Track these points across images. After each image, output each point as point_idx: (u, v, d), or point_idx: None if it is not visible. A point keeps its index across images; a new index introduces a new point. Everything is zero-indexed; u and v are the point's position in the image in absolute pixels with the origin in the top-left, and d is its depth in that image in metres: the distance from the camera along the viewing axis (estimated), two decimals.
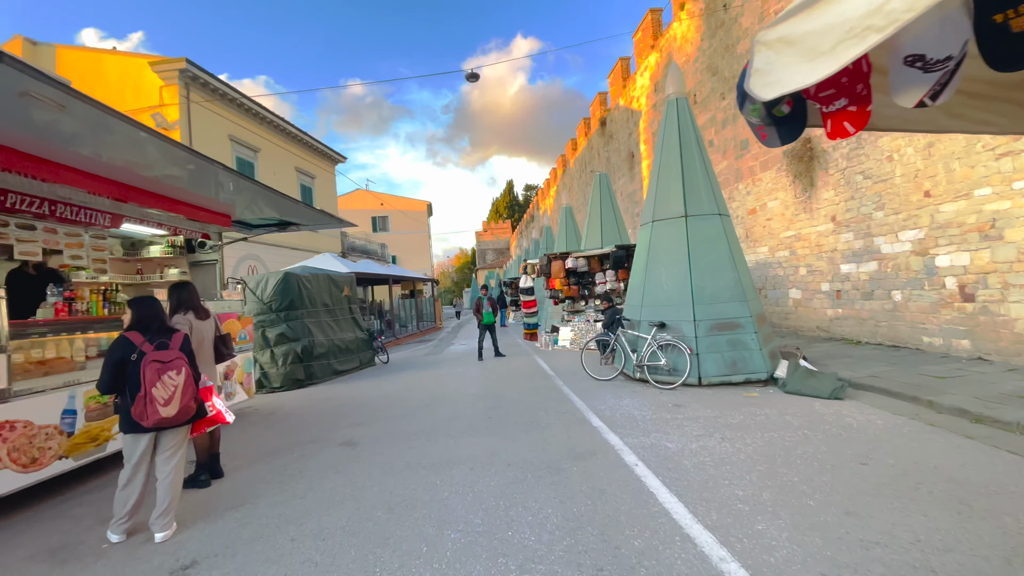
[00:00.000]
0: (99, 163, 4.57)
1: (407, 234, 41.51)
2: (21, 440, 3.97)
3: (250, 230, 7.76)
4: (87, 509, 4.00)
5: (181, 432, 3.54)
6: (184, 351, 3.52)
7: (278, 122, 19.11)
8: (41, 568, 3.08)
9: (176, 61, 14.46)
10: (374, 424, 6.16)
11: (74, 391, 4.48)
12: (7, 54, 2.58)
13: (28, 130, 3.66)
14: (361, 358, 11.40)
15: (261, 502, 3.89)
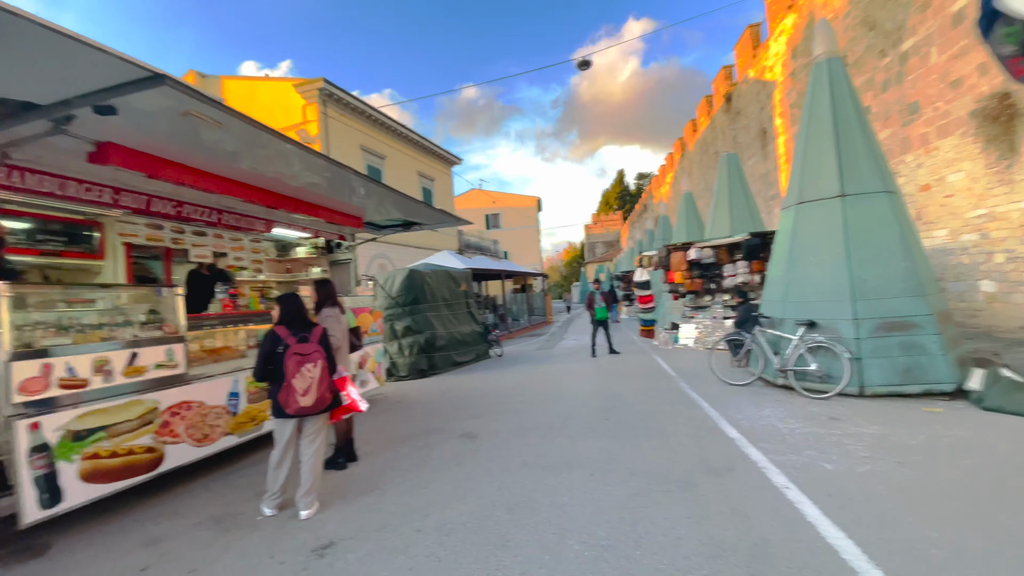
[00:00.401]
0: (254, 175, 5.15)
1: (517, 230, 42.29)
2: (196, 418, 4.61)
3: (379, 230, 8.32)
4: (247, 481, 4.53)
5: (321, 419, 3.82)
6: (322, 344, 3.77)
7: (401, 130, 20.51)
8: (207, 535, 3.50)
9: (315, 81, 16.16)
10: (491, 417, 6.20)
11: (237, 376, 5.11)
12: (168, 76, 2.91)
13: (198, 149, 4.21)
14: (477, 351, 11.74)
15: (390, 489, 4.06)
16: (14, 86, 2.86)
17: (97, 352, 3.80)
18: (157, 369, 4.23)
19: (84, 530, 3.64)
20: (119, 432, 3.86)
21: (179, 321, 4.52)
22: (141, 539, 3.48)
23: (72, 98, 3.00)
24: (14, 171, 3.81)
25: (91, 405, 3.70)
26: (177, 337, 4.47)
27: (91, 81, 2.86)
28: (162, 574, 2.99)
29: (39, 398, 3.41)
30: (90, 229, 5.88)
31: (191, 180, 4.39)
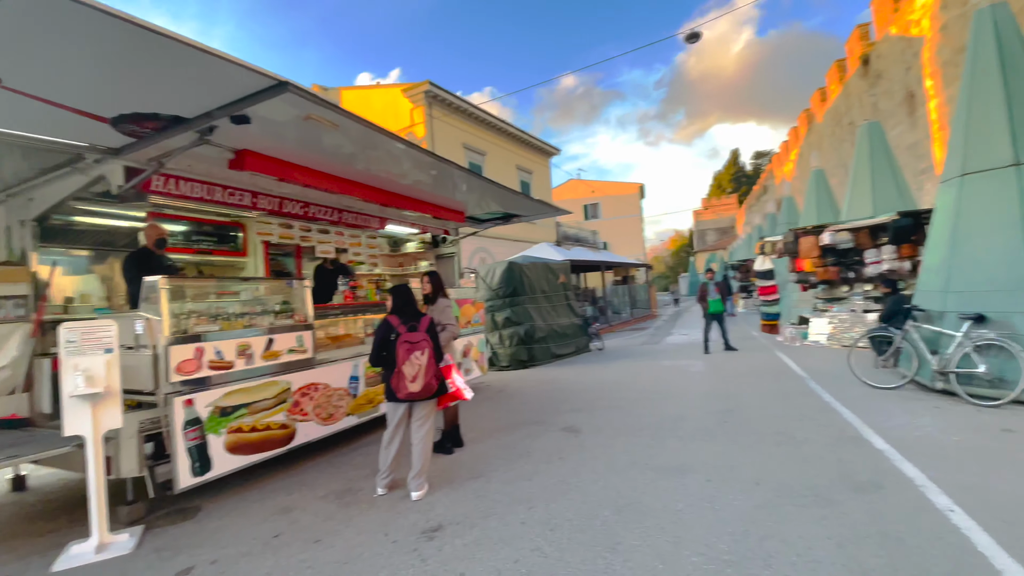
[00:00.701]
0: (369, 175, 5.45)
1: (618, 219, 40.98)
2: (322, 398, 5.02)
3: (479, 224, 8.47)
4: (365, 460, 4.83)
5: (429, 404, 3.92)
6: (430, 333, 3.87)
7: (500, 125, 20.82)
8: (331, 508, 3.77)
9: (421, 85, 16.96)
10: (594, 412, 5.99)
11: (357, 362, 5.48)
12: (290, 83, 3.12)
13: (320, 153, 4.54)
14: (577, 344, 11.54)
15: (494, 478, 4.07)
16: (166, 103, 3.28)
17: (240, 338, 4.27)
18: (289, 354, 4.67)
19: (228, 497, 4.13)
20: (258, 409, 4.32)
21: (307, 311, 4.94)
22: (275, 507, 3.85)
23: (213, 110, 3.36)
24: (170, 179, 4.41)
25: (235, 385, 4.17)
26: (306, 325, 4.89)
27: (227, 93, 3.17)
28: (291, 541, 3.26)
29: (192, 378, 3.92)
30: (235, 230, 6.70)
31: (316, 182, 4.78)
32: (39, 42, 2.48)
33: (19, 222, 4.82)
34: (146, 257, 4.74)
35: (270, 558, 3.06)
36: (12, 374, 4.44)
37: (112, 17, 2.23)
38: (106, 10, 2.18)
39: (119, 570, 3.06)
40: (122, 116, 3.31)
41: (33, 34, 2.41)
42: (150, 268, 4.63)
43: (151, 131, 3.62)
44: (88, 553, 3.24)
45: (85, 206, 5.15)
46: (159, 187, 4.24)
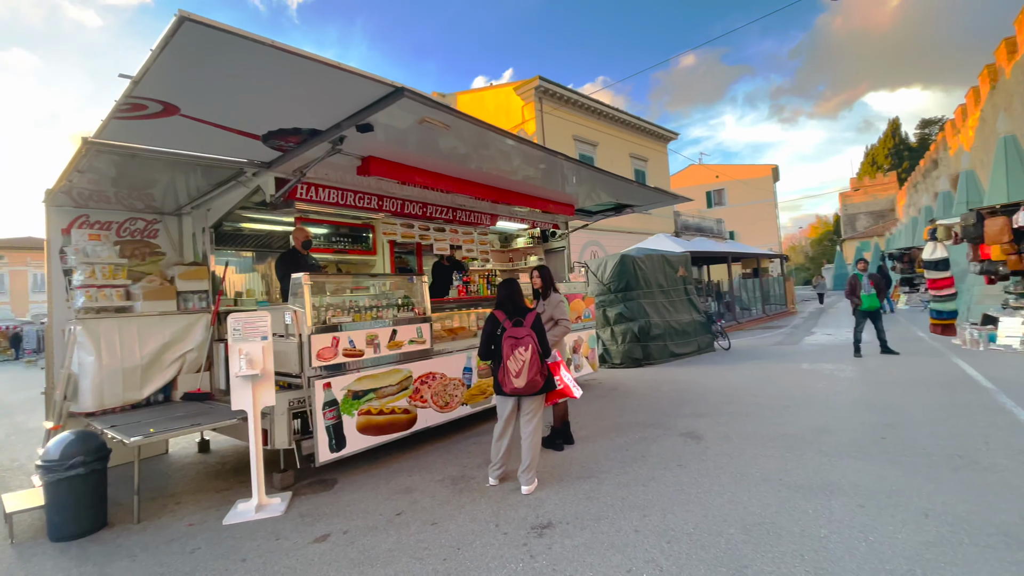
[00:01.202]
0: (481, 173, 5.59)
1: (747, 205, 37.42)
2: (439, 387, 5.28)
3: (590, 216, 8.27)
4: (477, 448, 4.98)
5: (536, 400, 3.90)
6: (535, 329, 3.84)
7: (613, 113, 20.19)
8: (446, 492, 3.93)
9: (531, 81, 17.09)
10: (719, 418, 5.50)
11: (470, 354, 5.68)
12: (406, 88, 3.27)
13: (436, 155, 4.75)
14: (699, 342, 10.74)
15: (606, 479, 3.92)
16: (305, 118, 3.66)
17: (369, 328, 4.66)
18: (410, 344, 4.99)
19: (359, 473, 4.52)
20: (384, 395, 4.68)
21: (425, 304, 5.23)
22: (398, 487, 4.13)
23: (341, 121, 3.68)
24: (310, 187, 4.95)
25: (365, 371, 4.56)
26: (424, 318, 5.18)
27: (353, 104, 3.45)
28: (411, 520, 3.46)
29: (330, 364, 4.35)
30: (366, 231, 7.35)
31: (433, 182, 5.04)
32: (208, 74, 2.91)
33: (200, 229, 5.80)
34: (294, 257, 5.40)
35: (392, 534, 3.28)
36: (197, 356, 5.36)
37: (265, 46, 2.52)
38: (262, 40, 2.47)
39: (272, 529, 3.51)
40: (270, 133, 3.78)
41: (205, 67, 2.82)
42: (297, 266, 5.25)
43: (293, 144, 4.08)
44: (250, 511, 3.78)
45: (248, 214, 6.03)
46: (302, 195, 4.78)
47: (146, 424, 4.16)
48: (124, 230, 5.58)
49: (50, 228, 5.14)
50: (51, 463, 3.54)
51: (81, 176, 4.23)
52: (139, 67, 2.68)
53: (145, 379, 4.96)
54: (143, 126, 3.40)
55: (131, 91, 2.85)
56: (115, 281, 5.08)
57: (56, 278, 5.16)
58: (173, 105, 3.13)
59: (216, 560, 3.12)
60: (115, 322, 4.84)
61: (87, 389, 4.63)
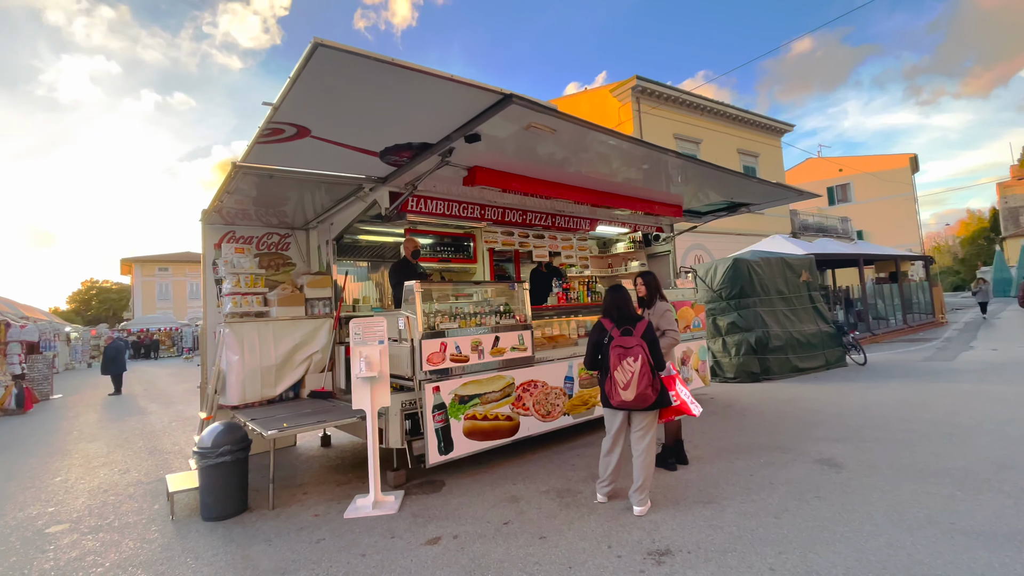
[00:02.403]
0: (581, 176, 5.46)
1: (879, 201, 32.98)
2: (541, 395, 5.20)
3: (699, 218, 7.74)
4: (581, 462, 4.81)
5: (649, 415, 3.65)
6: (646, 339, 3.60)
7: (717, 108, 18.95)
8: (553, 505, 3.82)
9: (628, 81, 16.60)
10: (861, 444, 4.79)
11: (571, 362, 5.53)
12: (514, 94, 3.24)
13: (537, 161, 4.71)
14: (827, 356, 9.54)
15: (729, 506, 3.55)
16: (418, 132, 3.81)
17: (473, 335, 4.73)
18: (512, 351, 4.98)
19: (465, 477, 4.57)
20: (488, 400, 4.71)
21: (526, 311, 5.20)
22: (503, 495, 4.11)
23: (451, 133, 3.77)
24: (420, 200, 5.16)
25: (470, 376, 4.62)
26: (525, 325, 5.15)
27: (462, 115, 3.51)
28: (519, 532, 3.40)
29: (438, 368, 4.47)
30: (468, 240, 7.55)
31: (534, 189, 5.01)
32: (335, 97, 3.13)
33: (324, 242, 6.32)
34: (405, 265, 5.68)
35: (501, 544, 3.23)
36: (322, 357, 5.82)
37: (389, 65, 2.64)
38: (387, 60, 2.60)
39: (387, 527, 3.64)
40: (387, 149, 3.99)
41: (332, 91, 3.04)
42: (408, 275, 5.51)
43: (406, 159, 4.27)
44: (367, 507, 3.97)
45: (363, 227, 6.47)
46: (412, 207, 5.00)
47: (280, 419, 4.57)
48: (262, 243, 6.27)
49: (205, 243, 5.92)
50: (205, 450, 4.01)
51: (230, 196, 4.81)
52: (278, 95, 2.94)
53: (279, 377, 5.49)
54: (280, 149, 3.76)
55: (271, 117, 3.15)
56: (255, 289, 5.70)
57: (209, 286, 5.92)
58: (305, 127, 3.42)
59: (339, 552, 3.30)
60: (255, 326, 5.42)
61: (233, 385, 5.22)
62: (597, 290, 6.74)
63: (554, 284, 6.32)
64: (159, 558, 3.40)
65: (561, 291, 6.19)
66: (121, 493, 4.87)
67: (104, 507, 4.48)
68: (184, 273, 42.25)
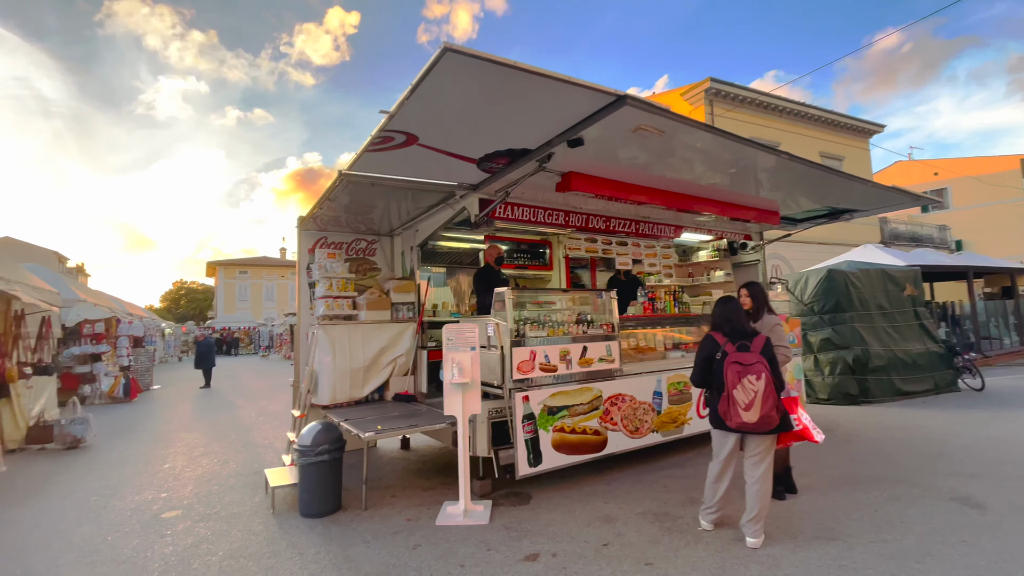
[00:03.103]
0: (672, 181, 5.20)
1: (982, 207, 29.74)
2: (628, 410, 4.99)
3: (794, 225, 7.23)
4: (674, 483, 4.55)
5: (767, 440, 3.37)
6: (765, 355, 3.33)
7: (797, 109, 17.88)
8: (653, 530, 3.61)
9: (702, 84, 16.00)
10: (1004, 482, 4.22)
11: (660, 377, 5.29)
12: (628, 95, 3.11)
13: (636, 165, 4.54)
14: (936, 379, 8.59)
15: (857, 545, 3.20)
16: (518, 138, 3.77)
17: (561, 344, 4.62)
18: (600, 363, 4.82)
19: (552, 491, 4.44)
20: (576, 412, 4.57)
21: (614, 321, 5.03)
22: (596, 513, 3.94)
23: (552, 138, 3.70)
24: (507, 206, 5.13)
25: (559, 387, 4.51)
26: (613, 335, 4.98)
27: (568, 118, 3.43)
28: (622, 556, 3.22)
29: (527, 377, 4.39)
30: (543, 247, 7.48)
31: (628, 194, 4.84)
32: (446, 104, 3.15)
33: (409, 248, 6.45)
34: (488, 272, 5.68)
35: (605, 567, 3.07)
36: (406, 360, 5.92)
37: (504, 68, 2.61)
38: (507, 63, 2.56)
39: (481, 538, 3.58)
40: (486, 156, 3.99)
41: (444, 97, 3.06)
42: (491, 281, 5.50)
43: (501, 166, 4.25)
44: (458, 515, 3.94)
45: (443, 233, 6.54)
46: (500, 213, 4.98)
47: (370, 420, 4.66)
48: (351, 249, 6.50)
49: (300, 248, 6.21)
50: (304, 448, 4.14)
51: (330, 203, 5.00)
52: (394, 103, 2.99)
53: (366, 379, 5.63)
54: (386, 157, 3.85)
55: (385, 124, 3.22)
56: (345, 293, 5.90)
57: (303, 289, 6.20)
58: (414, 135, 3.47)
59: (437, 561, 3.27)
60: (346, 328, 5.59)
61: (324, 385, 5.40)
62: (684, 300, 6.43)
63: (639, 293, 6.08)
64: (266, 552, 3.52)
65: (648, 300, 5.95)
66: (223, 483, 5.14)
67: (210, 496, 4.75)
68: (261, 276, 45.16)
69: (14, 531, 3.98)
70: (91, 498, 4.78)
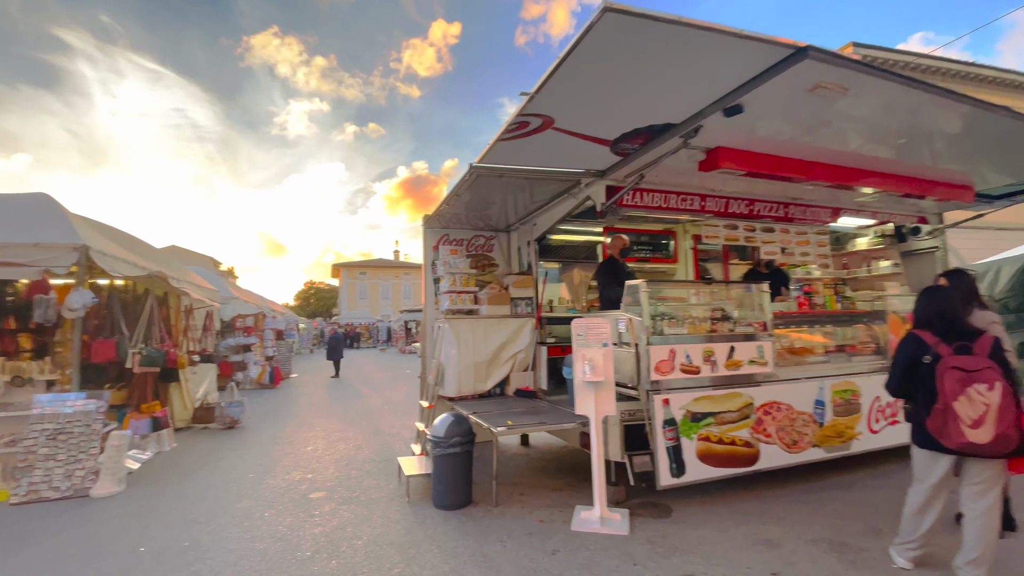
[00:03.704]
0: (839, 154, 4.38)
1: None
2: (785, 421, 4.35)
3: (990, 203, 5.92)
4: (847, 508, 3.86)
5: (996, 465, 2.66)
6: (995, 359, 2.63)
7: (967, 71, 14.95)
8: (831, 561, 3.05)
9: (844, 48, 14.02)
10: None
11: (822, 383, 4.57)
12: (812, 46, 2.61)
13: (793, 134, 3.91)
14: None
15: None
16: (663, 112, 3.40)
17: (704, 343, 4.15)
18: (750, 365, 4.26)
19: (695, 505, 3.99)
20: (723, 421, 4.07)
21: (767, 318, 4.43)
22: (753, 536, 3.44)
23: (704, 107, 3.28)
24: (635, 193, 4.73)
25: (702, 391, 4.05)
26: (764, 335, 4.38)
27: (726, 81, 3.00)
28: None
29: (666, 378, 3.99)
30: (666, 238, 6.94)
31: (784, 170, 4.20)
32: (589, 80, 2.90)
33: (525, 242, 6.34)
34: (613, 265, 5.35)
35: None
36: (525, 356, 5.81)
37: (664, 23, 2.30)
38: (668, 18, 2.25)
39: (623, 549, 3.29)
40: (622, 136, 3.67)
41: (588, 73, 2.82)
42: (616, 274, 5.17)
43: (637, 146, 3.91)
44: (594, 521, 3.68)
45: (562, 226, 6.32)
46: (628, 201, 4.62)
47: (497, 415, 4.58)
48: (471, 245, 6.55)
49: (425, 246, 6.38)
50: (438, 439, 4.16)
51: (457, 199, 5.02)
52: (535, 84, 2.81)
53: (489, 373, 5.60)
54: (517, 146, 3.72)
55: (524, 108, 3.06)
56: (467, 288, 5.94)
57: (428, 285, 6.36)
58: (550, 118, 3.28)
59: (580, 571, 3.04)
60: (469, 322, 5.62)
61: (450, 378, 5.47)
62: (847, 295, 5.54)
63: (793, 286, 5.34)
64: (406, 541, 3.56)
65: (801, 295, 5.20)
66: (360, 468, 5.42)
67: (350, 480, 5.01)
68: (377, 277, 48.96)
69: (184, 503, 4.48)
70: (248, 475, 5.29)
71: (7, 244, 4.65)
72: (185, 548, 3.55)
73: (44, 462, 4.54)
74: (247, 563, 3.30)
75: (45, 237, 4.84)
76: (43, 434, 4.58)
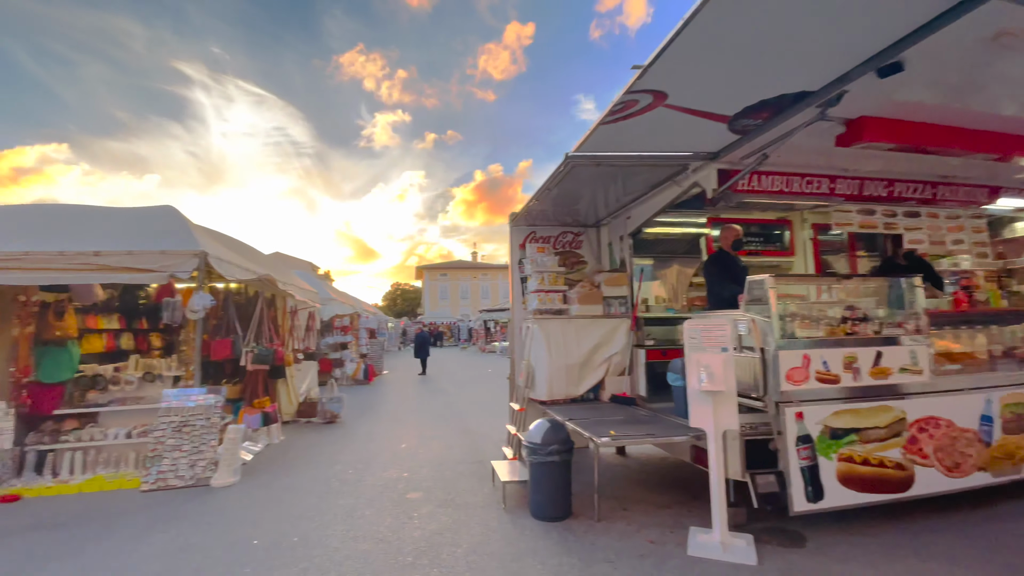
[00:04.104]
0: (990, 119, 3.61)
1: None
2: (944, 439, 3.64)
3: None
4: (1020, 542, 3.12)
5: None
6: None
7: None
8: None
9: None
10: None
11: (990, 395, 3.78)
12: None
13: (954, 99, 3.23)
14: None
15: None
16: (798, 79, 2.92)
17: (844, 348, 3.57)
18: (901, 374, 3.61)
19: (830, 535, 3.43)
20: (869, 439, 3.47)
21: (921, 320, 3.73)
22: (911, 574, 2.87)
23: (852, 69, 2.76)
24: (753, 176, 4.21)
25: (843, 404, 3.48)
26: (919, 338, 3.70)
27: (879, 37, 2.48)
28: None
29: (800, 388, 3.47)
30: (780, 228, 6.23)
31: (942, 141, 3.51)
32: (710, 43, 2.53)
33: (618, 238, 5.96)
34: (724, 258, 4.84)
35: None
36: (621, 359, 5.45)
37: None
38: None
39: None
40: (746, 109, 3.22)
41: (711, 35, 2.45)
42: (728, 269, 4.67)
43: (760, 122, 3.43)
44: (715, 547, 3.27)
45: (659, 218, 5.86)
46: (743, 185, 4.12)
47: (595, 423, 4.29)
48: (559, 242, 6.30)
49: (512, 244, 6.23)
50: (535, 446, 3.94)
51: (548, 193, 4.80)
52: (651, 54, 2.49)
53: (581, 376, 5.32)
54: (621, 128, 3.40)
55: (633, 84, 2.76)
56: (556, 287, 5.70)
57: (516, 284, 6.20)
58: (662, 93, 2.94)
59: None
60: (559, 323, 5.37)
61: (541, 381, 5.25)
62: (1013, 289, 4.60)
63: (948, 281, 4.52)
64: (507, 553, 3.39)
65: (959, 290, 4.37)
66: (453, 469, 5.37)
67: (445, 482, 4.96)
68: (457, 278, 50.37)
69: (294, 496, 4.65)
70: (348, 471, 5.43)
71: (139, 252, 5.12)
72: (294, 544, 3.64)
73: (171, 452, 4.95)
74: (352, 564, 3.30)
75: (170, 245, 5.29)
76: (170, 426, 4.99)
